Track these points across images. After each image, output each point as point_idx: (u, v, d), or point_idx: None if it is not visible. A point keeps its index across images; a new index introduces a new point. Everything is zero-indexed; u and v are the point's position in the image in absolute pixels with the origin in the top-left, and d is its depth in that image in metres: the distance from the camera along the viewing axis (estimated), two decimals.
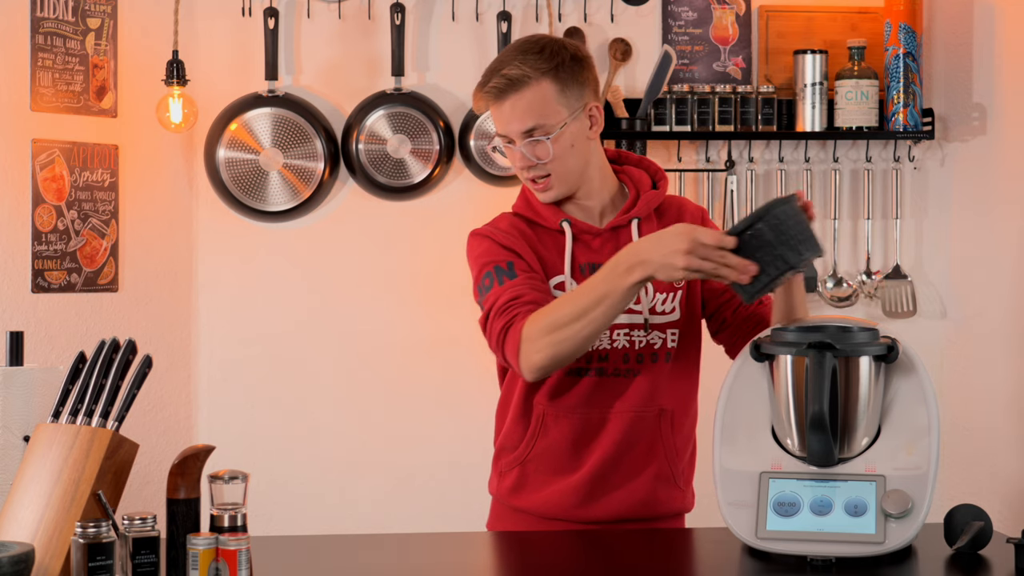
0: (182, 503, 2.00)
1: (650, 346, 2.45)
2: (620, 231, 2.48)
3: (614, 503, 2.48)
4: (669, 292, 2.47)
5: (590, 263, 2.47)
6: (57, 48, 3.45)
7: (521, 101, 2.37)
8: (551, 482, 2.50)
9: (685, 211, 2.54)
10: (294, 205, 3.74)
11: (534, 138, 2.38)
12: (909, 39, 3.71)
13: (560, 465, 2.49)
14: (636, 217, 2.48)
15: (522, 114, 2.38)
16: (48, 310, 3.45)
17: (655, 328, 2.46)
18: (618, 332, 2.45)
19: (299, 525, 3.62)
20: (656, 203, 2.51)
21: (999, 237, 3.67)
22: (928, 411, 2.21)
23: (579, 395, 2.46)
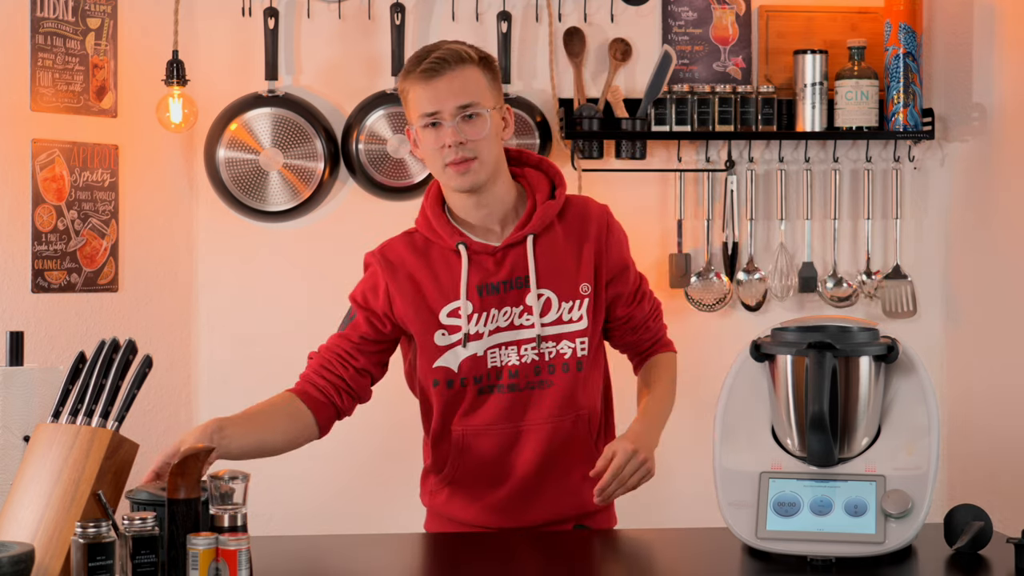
0: (182, 503, 2.00)
1: (560, 356, 2.50)
2: (516, 247, 2.51)
3: (545, 508, 2.53)
4: (575, 300, 2.51)
5: (485, 283, 2.50)
6: (57, 48, 3.44)
7: (458, 78, 2.43)
8: (481, 496, 2.55)
9: (589, 217, 2.57)
10: (294, 205, 3.73)
11: (469, 112, 2.43)
12: (909, 39, 3.71)
13: (486, 480, 2.54)
14: (531, 233, 2.51)
15: (459, 90, 2.43)
16: (48, 310, 3.45)
17: (563, 338, 2.50)
18: (525, 348, 2.49)
19: (299, 525, 3.62)
20: (552, 216, 2.53)
21: (999, 237, 3.67)
22: (928, 411, 2.21)
23: (494, 412, 2.51)
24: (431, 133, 2.45)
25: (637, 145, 3.76)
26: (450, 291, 2.50)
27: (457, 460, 2.55)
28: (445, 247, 2.52)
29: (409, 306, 2.51)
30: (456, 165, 2.44)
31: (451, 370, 2.50)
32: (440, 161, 2.45)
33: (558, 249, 2.52)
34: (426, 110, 2.44)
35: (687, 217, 3.82)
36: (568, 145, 3.77)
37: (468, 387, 2.51)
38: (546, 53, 3.79)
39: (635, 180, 3.81)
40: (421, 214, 2.59)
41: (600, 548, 2.37)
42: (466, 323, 2.48)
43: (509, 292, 2.49)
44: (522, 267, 2.50)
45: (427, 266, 2.53)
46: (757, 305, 3.82)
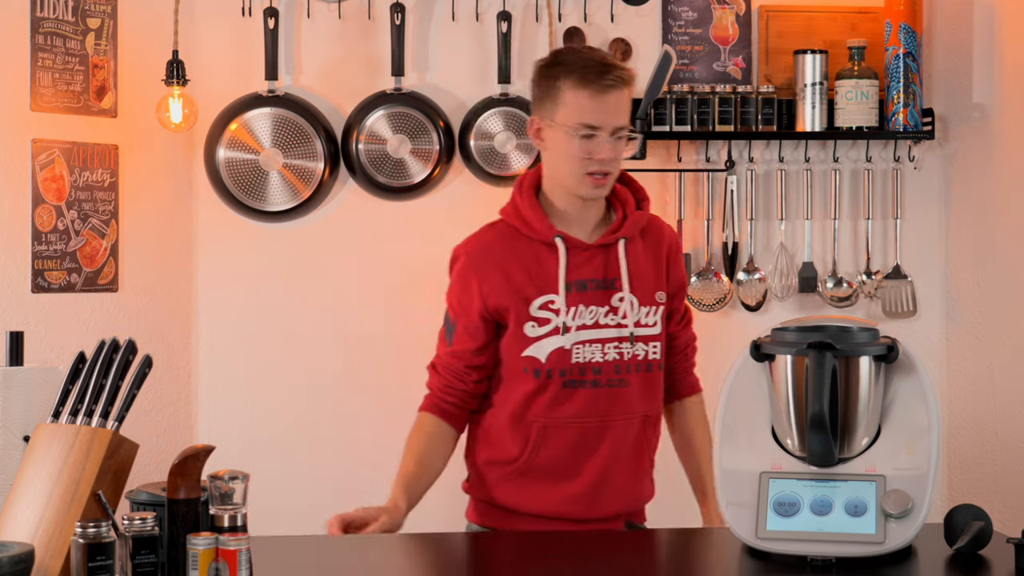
0: (182, 503, 2.00)
1: (636, 357, 2.60)
2: (608, 249, 2.62)
3: (613, 503, 2.62)
4: (653, 306, 2.63)
5: (578, 280, 2.59)
6: (57, 48, 3.44)
7: (621, 100, 2.56)
8: (554, 488, 2.61)
9: (664, 235, 2.71)
10: (294, 205, 3.73)
11: (621, 135, 2.55)
12: (909, 39, 3.71)
13: (561, 472, 2.61)
14: (624, 237, 2.62)
15: (620, 110, 2.56)
16: (48, 310, 3.45)
17: (639, 340, 2.60)
18: (608, 346, 2.59)
19: (299, 525, 3.62)
20: (641, 225, 2.66)
21: (999, 237, 3.67)
22: (928, 411, 2.21)
23: (578, 407, 2.59)
24: (582, 142, 2.54)
25: (637, 145, 3.76)
26: (542, 283, 2.58)
27: (534, 451, 2.60)
28: (537, 239, 2.61)
29: (503, 298, 2.59)
30: (597, 178, 2.56)
31: (539, 360, 2.58)
32: (582, 169, 2.55)
33: (640, 257, 2.64)
34: (589, 122, 2.54)
35: (687, 217, 3.82)
36: None
37: (553, 379, 2.58)
38: (546, 53, 3.78)
39: None
40: (511, 206, 2.66)
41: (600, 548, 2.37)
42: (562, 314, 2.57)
43: (597, 291, 2.59)
44: (612, 268, 2.60)
45: (517, 258, 2.61)
46: (757, 305, 3.82)
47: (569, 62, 2.56)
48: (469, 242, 2.68)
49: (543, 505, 2.61)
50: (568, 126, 2.53)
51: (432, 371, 2.72)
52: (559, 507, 2.60)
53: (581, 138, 2.53)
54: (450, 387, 2.67)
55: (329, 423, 3.82)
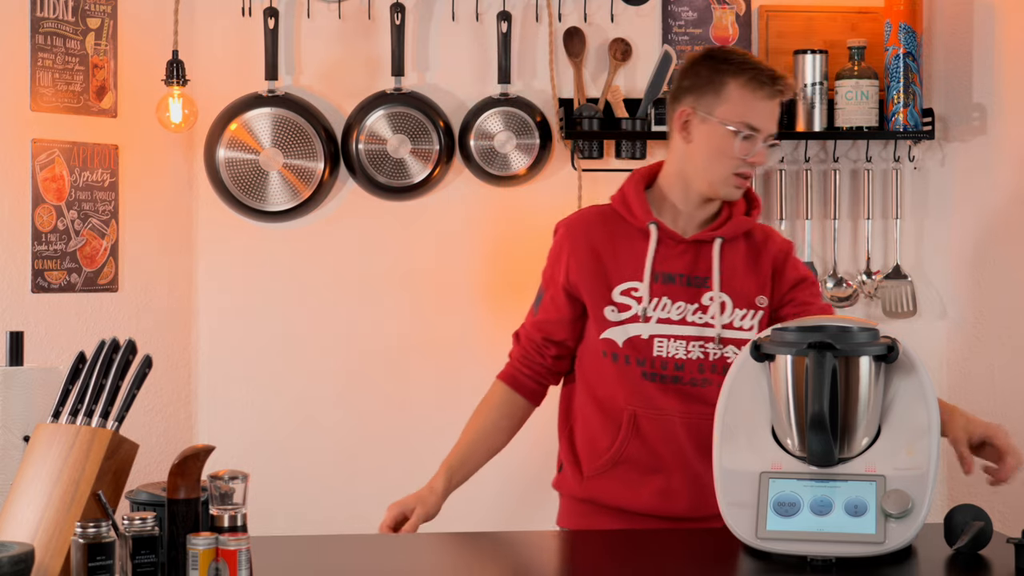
0: (182, 503, 2.00)
1: (723, 359, 2.57)
2: (703, 246, 2.60)
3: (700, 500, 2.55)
4: (750, 310, 2.59)
5: (664, 272, 2.58)
6: (57, 48, 3.44)
7: (779, 109, 2.59)
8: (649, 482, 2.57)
9: (772, 240, 2.67)
10: (294, 205, 3.73)
11: (772, 142, 2.58)
12: (909, 39, 3.71)
13: (655, 466, 2.58)
14: (721, 237, 2.59)
15: (777, 118, 2.58)
16: (48, 310, 3.45)
17: (729, 342, 2.58)
18: (693, 344, 2.57)
19: (299, 525, 3.62)
20: (745, 228, 2.63)
21: (999, 237, 3.67)
22: (928, 411, 2.21)
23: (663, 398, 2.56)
24: (740, 142, 2.54)
25: (637, 145, 3.76)
26: (629, 269, 2.58)
27: (627, 439, 2.58)
28: (634, 226, 2.61)
29: (585, 275, 2.60)
30: (742, 179, 2.57)
31: (616, 344, 2.57)
32: (730, 168, 2.56)
33: (740, 259, 2.61)
34: (754, 123, 2.55)
35: None
36: (568, 145, 3.77)
37: (632, 366, 2.57)
38: (546, 53, 3.79)
39: None
40: (620, 192, 2.67)
41: (599, 548, 2.37)
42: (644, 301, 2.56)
43: (686, 288, 2.58)
44: (704, 267, 2.59)
45: (611, 240, 2.61)
46: None
47: (739, 61, 2.57)
48: (571, 216, 2.71)
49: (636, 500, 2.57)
50: (731, 123, 2.54)
51: (515, 340, 2.73)
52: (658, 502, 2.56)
53: (742, 138, 2.53)
54: (528, 358, 2.68)
55: (329, 423, 3.82)
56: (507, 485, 3.76)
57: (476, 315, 3.82)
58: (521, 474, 3.78)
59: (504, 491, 3.78)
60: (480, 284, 3.82)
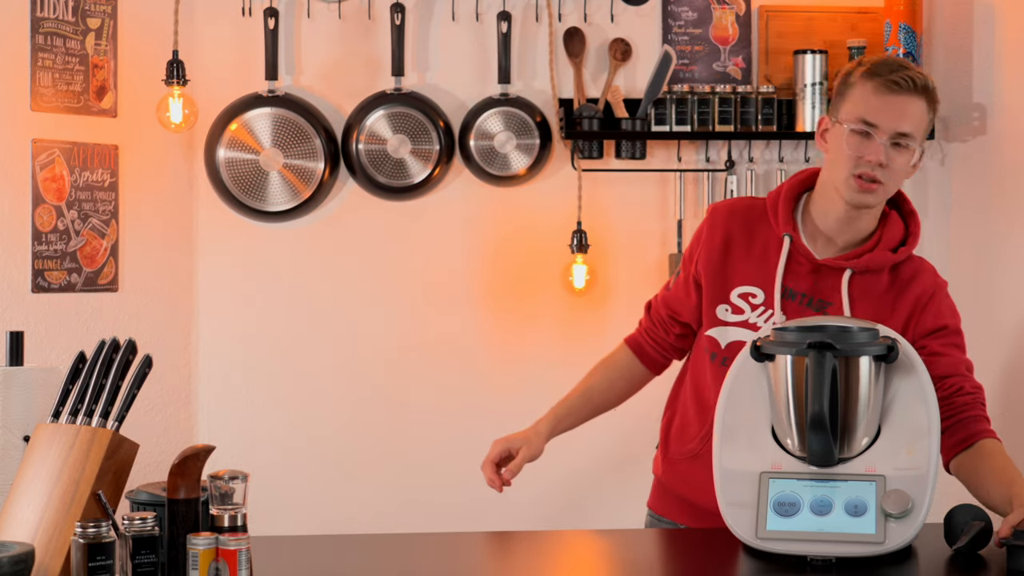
0: (182, 503, 2.00)
1: None
2: (831, 271, 2.47)
3: None
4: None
5: (786, 286, 2.47)
6: (57, 48, 3.45)
7: (912, 104, 2.39)
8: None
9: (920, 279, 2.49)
10: (294, 205, 3.73)
11: (902, 142, 2.39)
12: (909, 39, 3.71)
13: None
14: (851, 269, 2.46)
15: (907, 115, 2.39)
16: (48, 310, 3.45)
17: None
18: None
19: (299, 525, 3.62)
20: (883, 264, 2.47)
21: (999, 237, 3.66)
22: (928, 411, 2.21)
23: None
24: (857, 140, 2.40)
25: (637, 145, 3.76)
26: (755, 275, 2.49)
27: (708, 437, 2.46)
28: (774, 231, 2.51)
29: (710, 268, 2.52)
30: (863, 182, 2.40)
31: (718, 343, 2.50)
32: (849, 169, 2.40)
33: (875, 295, 2.47)
34: (867, 118, 2.39)
35: (687, 217, 3.82)
36: (568, 145, 3.77)
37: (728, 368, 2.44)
38: (546, 53, 3.79)
39: (635, 180, 3.81)
40: (776, 190, 2.57)
41: (600, 548, 2.37)
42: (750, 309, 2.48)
43: (806, 308, 2.46)
44: (829, 293, 2.46)
45: (747, 238, 2.52)
46: None
47: (869, 61, 2.45)
48: (724, 202, 2.62)
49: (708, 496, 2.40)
50: (847, 121, 2.41)
51: (645, 309, 2.69)
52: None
53: (857, 135, 2.39)
54: (653, 331, 2.65)
55: (329, 422, 3.83)
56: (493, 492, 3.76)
57: (476, 315, 3.83)
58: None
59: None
60: (480, 284, 3.82)
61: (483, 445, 3.97)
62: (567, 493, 3.81)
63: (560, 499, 3.81)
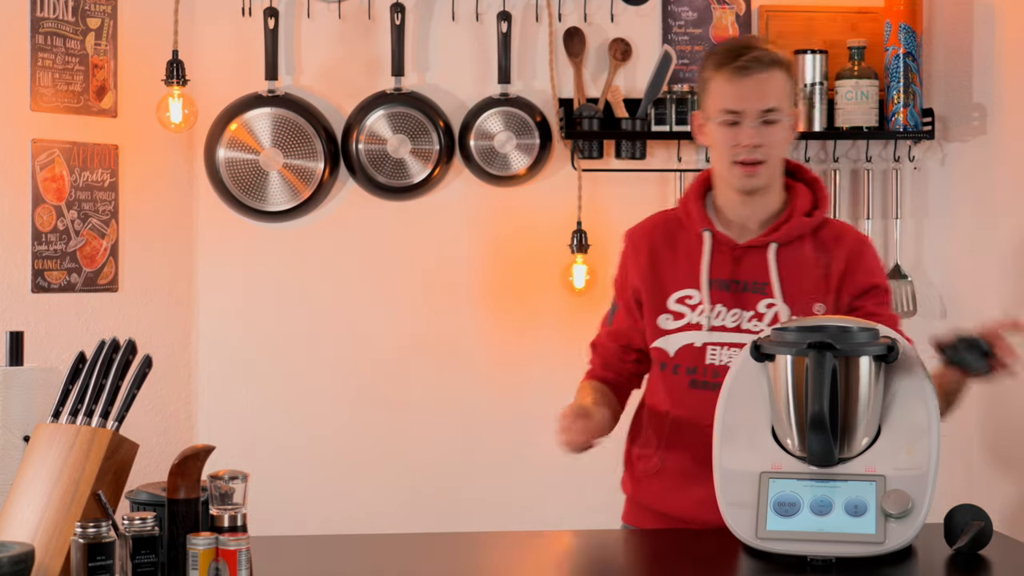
0: (182, 503, 2.00)
1: None
2: (758, 251, 2.52)
3: None
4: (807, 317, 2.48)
5: (719, 278, 2.51)
6: (57, 48, 3.44)
7: (768, 81, 2.45)
8: (690, 491, 2.49)
9: (844, 239, 2.55)
10: (294, 205, 3.73)
11: (770, 118, 2.45)
12: (909, 39, 3.71)
13: (695, 476, 2.48)
14: (776, 242, 2.50)
15: (767, 93, 2.45)
16: (48, 310, 3.45)
17: None
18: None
19: (299, 525, 3.62)
20: (803, 231, 2.52)
21: (999, 237, 3.67)
22: (928, 411, 2.21)
23: (708, 408, 2.44)
24: (727, 130, 2.47)
25: (637, 145, 3.76)
26: (686, 277, 2.53)
27: (667, 448, 2.52)
28: (693, 232, 2.56)
29: (643, 281, 2.56)
30: (745, 167, 2.47)
31: (666, 353, 2.52)
32: (729, 158, 2.48)
33: (802, 264, 2.51)
34: (729, 107, 2.46)
35: None
36: (568, 145, 3.77)
37: (680, 375, 2.51)
38: (546, 53, 3.79)
39: (635, 180, 3.81)
40: (684, 194, 2.64)
41: (600, 548, 2.37)
42: (700, 311, 2.50)
43: (742, 294, 2.50)
44: (762, 273, 2.50)
45: (671, 247, 2.57)
46: None
47: (714, 51, 2.51)
48: (637, 225, 2.65)
49: (680, 508, 2.50)
50: (713, 115, 2.48)
51: (592, 350, 2.68)
52: (695, 511, 2.47)
53: (725, 125, 2.46)
54: (609, 365, 2.64)
55: (329, 422, 3.83)
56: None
57: (476, 315, 3.83)
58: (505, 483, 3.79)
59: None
60: (480, 284, 3.82)
61: (483, 445, 3.99)
62: (567, 494, 3.80)
63: (560, 500, 3.80)
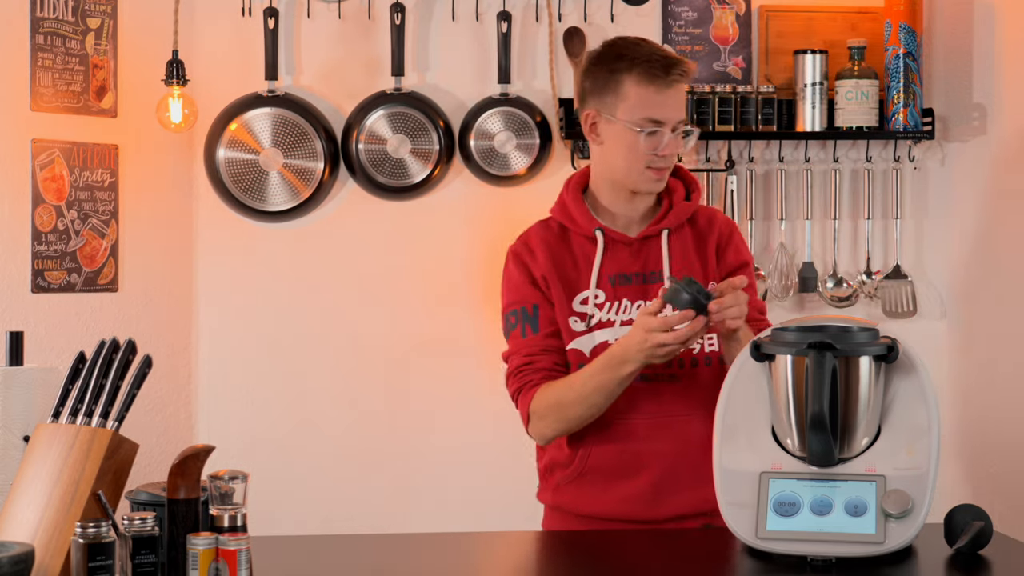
0: (182, 503, 2.00)
1: (689, 351, 2.51)
2: (651, 241, 2.57)
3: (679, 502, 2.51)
4: None
5: (619, 273, 2.55)
6: (57, 48, 3.45)
7: (683, 94, 2.53)
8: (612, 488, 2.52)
9: (715, 222, 2.62)
10: (294, 205, 3.74)
11: (682, 130, 2.52)
12: (909, 39, 3.71)
13: (619, 470, 2.53)
14: (667, 228, 2.56)
15: (683, 105, 2.53)
16: (48, 310, 3.45)
17: None
18: None
19: (299, 525, 3.62)
20: (688, 214, 2.60)
21: (999, 237, 3.67)
22: (928, 411, 2.21)
23: (627, 401, 2.50)
24: (646, 138, 2.49)
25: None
26: (584, 279, 2.55)
27: (588, 451, 2.53)
28: (581, 234, 2.58)
29: (553, 280, 2.55)
30: (658, 171, 2.52)
31: (583, 354, 2.53)
32: (642, 163, 2.51)
33: (688, 248, 2.58)
34: (655, 117, 2.49)
35: None
36: (568, 145, 3.77)
37: None
38: (546, 53, 3.79)
39: None
40: (559, 202, 2.64)
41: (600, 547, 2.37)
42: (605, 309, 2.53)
43: (642, 285, 2.55)
44: (655, 261, 2.55)
45: (566, 252, 2.58)
46: None
47: (632, 56, 2.49)
48: (523, 239, 2.62)
49: (603, 507, 2.52)
50: (632, 121, 2.48)
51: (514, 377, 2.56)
52: (618, 508, 2.51)
53: (647, 134, 2.48)
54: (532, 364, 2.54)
55: (329, 422, 3.83)
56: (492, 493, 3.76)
57: (476, 315, 3.82)
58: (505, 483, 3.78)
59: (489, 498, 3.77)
60: (480, 284, 3.82)
61: (483, 445, 3.98)
62: None
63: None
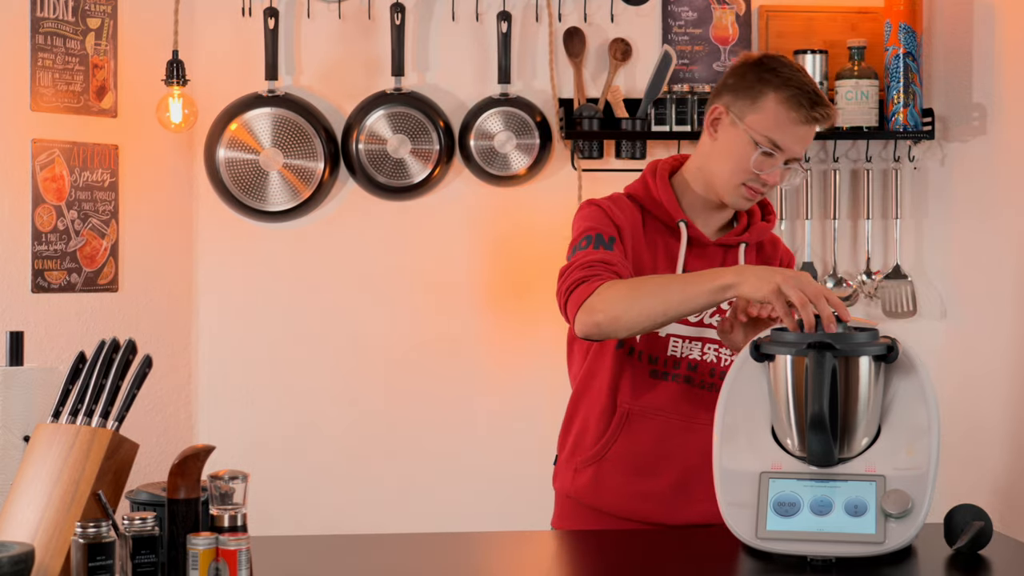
0: (182, 503, 2.00)
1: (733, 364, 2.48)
2: (728, 250, 2.56)
3: (700, 510, 2.48)
4: None
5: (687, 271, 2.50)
6: (57, 48, 3.45)
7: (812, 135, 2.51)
8: (631, 483, 2.51)
9: (778, 249, 2.66)
10: (294, 205, 3.74)
11: (793, 166, 2.51)
12: (909, 39, 3.71)
13: (643, 467, 2.51)
14: (746, 242, 2.57)
15: (807, 145, 2.52)
16: (48, 310, 3.45)
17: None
18: (708, 346, 2.51)
19: (299, 525, 3.62)
20: (765, 235, 2.61)
21: (999, 237, 3.67)
22: (928, 411, 2.21)
23: (665, 399, 2.50)
24: (759, 156, 2.47)
25: (637, 145, 3.76)
26: (657, 263, 2.52)
27: (614, 438, 2.51)
28: (663, 220, 2.54)
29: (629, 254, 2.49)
30: (751, 191, 2.50)
31: (634, 336, 2.47)
32: (741, 177, 2.49)
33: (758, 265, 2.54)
34: (779, 142, 2.46)
35: None
36: (568, 145, 3.77)
37: (642, 362, 2.50)
38: (546, 53, 3.79)
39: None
40: (641, 183, 2.58)
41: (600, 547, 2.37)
42: None
43: None
44: None
45: (644, 232, 2.54)
46: None
47: (786, 76, 2.46)
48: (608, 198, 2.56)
49: (619, 501, 2.50)
50: (756, 133, 2.46)
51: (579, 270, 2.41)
52: (634, 505, 2.49)
53: (762, 152, 2.46)
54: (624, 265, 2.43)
55: (329, 422, 3.83)
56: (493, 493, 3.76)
57: (476, 315, 3.83)
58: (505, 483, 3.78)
59: (501, 490, 3.78)
60: (480, 284, 3.82)
61: (483, 445, 3.98)
62: None
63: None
